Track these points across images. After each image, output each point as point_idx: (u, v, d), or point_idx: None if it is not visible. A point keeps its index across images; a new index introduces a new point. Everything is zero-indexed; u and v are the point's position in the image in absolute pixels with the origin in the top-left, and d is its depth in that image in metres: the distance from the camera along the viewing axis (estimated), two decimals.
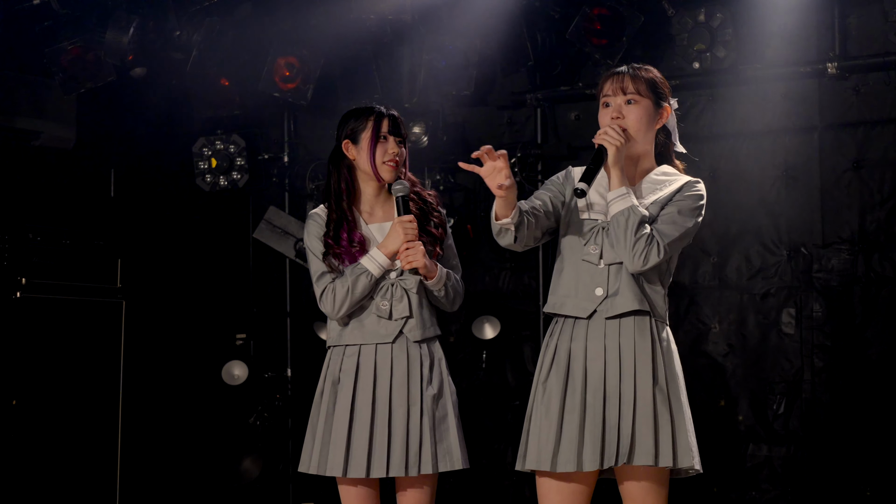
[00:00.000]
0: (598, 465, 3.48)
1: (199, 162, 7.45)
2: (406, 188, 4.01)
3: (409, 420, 3.93)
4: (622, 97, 3.60)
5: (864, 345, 6.18)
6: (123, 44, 6.55)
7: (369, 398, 3.96)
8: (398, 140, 4.08)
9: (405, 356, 3.99)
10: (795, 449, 6.28)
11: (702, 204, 3.64)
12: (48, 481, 6.51)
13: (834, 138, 6.33)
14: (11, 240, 6.55)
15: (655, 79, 3.65)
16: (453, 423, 3.97)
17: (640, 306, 3.54)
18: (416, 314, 4.01)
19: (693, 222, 3.60)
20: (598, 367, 3.55)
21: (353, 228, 4.04)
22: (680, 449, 3.49)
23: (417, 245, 3.94)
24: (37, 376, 6.53)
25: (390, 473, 3.91)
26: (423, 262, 3.93)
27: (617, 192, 3.53)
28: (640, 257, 3.49)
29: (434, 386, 3.99)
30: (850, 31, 6.28)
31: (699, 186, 3.66)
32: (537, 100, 6.90)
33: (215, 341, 7.60)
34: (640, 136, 3.60)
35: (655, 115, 3.63)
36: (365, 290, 3.98)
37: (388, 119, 4.08)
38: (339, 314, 4.01)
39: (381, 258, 3.98)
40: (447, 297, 4.04)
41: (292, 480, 7.32)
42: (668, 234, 3.53)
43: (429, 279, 3.98)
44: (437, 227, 4.08)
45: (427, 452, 3.91)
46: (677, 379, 3.57)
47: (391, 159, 4.04)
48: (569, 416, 3.53)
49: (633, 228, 3.49)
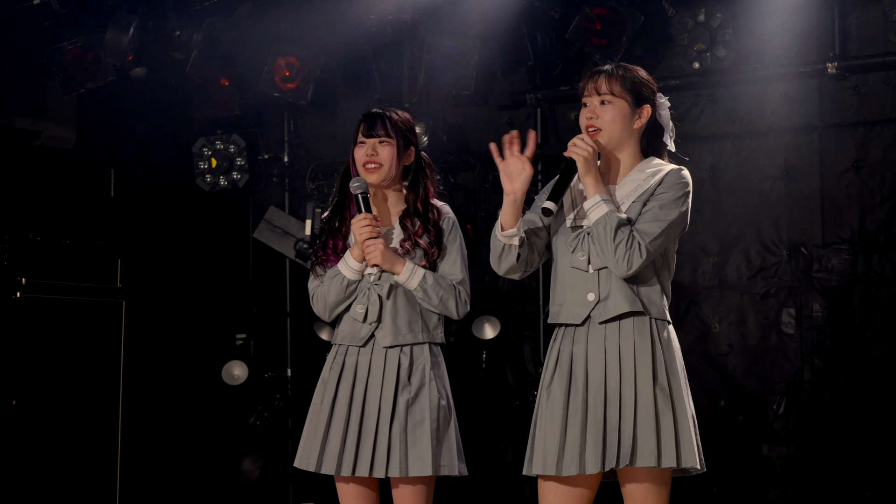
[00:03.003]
0: (600, 468, 3.48)
1: (199, 162, 7.46)
2: (362, 186, 3.98)
3: (379, 423, 3.92)
4: (597, 97, 3.60)
5: (864, 345, 6.18)
6: (123, 44, 6.55)
7: (347, 397, 3.98)
8: (379, 141, 4.01)
9: (379, 360, 3.98)
10: (795, 449, 6.28)
11: (686, 192, 3.57)
12: (48, 481, 6.51)
13: (834, 138, 6.33)
14: (11, 240, 6.56)
15: (635, 78, 3.62)
16: (429, 428, 3.91)
17: (632, 307, 3.53)
18: (387, 319, 3.98)
19: (677, 213, 3.53)
20: (598, 370, 3.54)
21: (340, 236, 4.07)
22: (683, 449, 3.48)
23: (376, 242, 3.92)
24: (37, 376, 6.53)
25: (357, 473, 3.91)
26: (379, 259, 3.92)
27: (592, 201, 3.53)
28: (623, 262, 3.48)
29: (411, 390, 3.95)
30: (850, 31, 6.28)
31: (682, 174, 3.60)
32: (537, 100, 6.89)
33: (215, 341, 7.60)
34: (614, 136, 3.58)
35: (633, 114, 3.60)
36: (340, 292, 4.00)
37: (364, 121, 4.03)
38: (325, 316, 4.08)
39: (350, 261, 4.00)
40: (428, 299, 3.96)
41: (292, 480, 7.32)
42: (650, 233, 3.49)
43: (395, 274, 3.96)
44: (431, 244, 4.00)
45: (395, 456, 3.89)
46: (679, 378, 3.56)
47: (367, 161, 3.99)
48: (572, 419, 3.53)
49: (611, 235, 3.47)
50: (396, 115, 4.06)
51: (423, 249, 4.01)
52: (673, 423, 3.48)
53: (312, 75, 6.97)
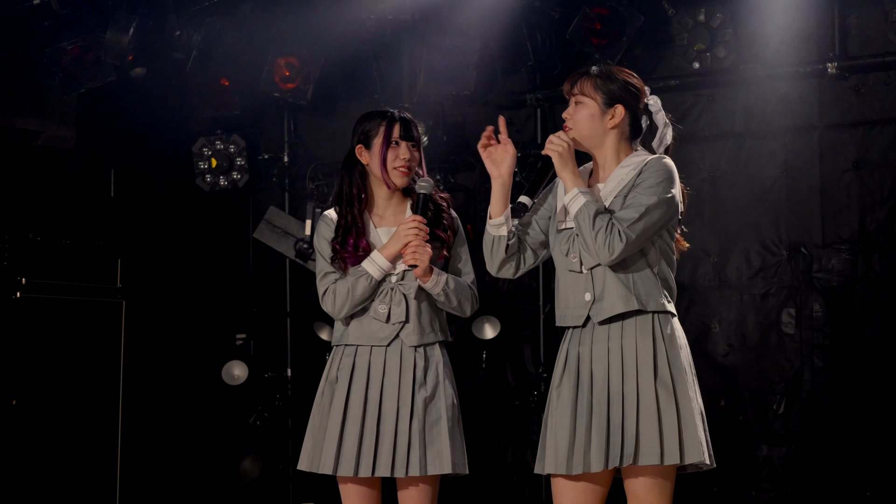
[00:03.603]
0: (604, 466, 3.49)
1: (199, 162, 7.46)
2: (430, 186, 3.98)
3: (398, 422, 3.91)
4: (572, 98, 3.67)
5: (864, 345, 6.19)
6: (123, 44, 6.55)
7: (362, 398, 3.95)
8: (411, 144, 4.02)
9: (398, 359, 3.97)
10: (795, 449, 6.28)
11: (666, 178, 3.56)
12: (48, 481, 6.51)
13: (834, 138, 6.33)
14: (11, 240, 6.55)
15: (610, 79, 3.64)
16: (446, 426, 3.93)
17: (627, 307, 3.54)
18: (413, 319, 3.98)
19: (655, 198, 3.53)
20: (602, 369, 3.57)
21: (360, 235, 4.01)
22: (687, 444, 3.48)
23: (425, 246, 3.91)
24: (37, 376, 6.53)
25: (377, 473, 3.90)
26: (425, 263, 3.91)
27: (570, 195, 3.58)
28: (604, 248, 3.49)
29: (427, 389, 3.96)
30: (850, 31, 6.28)
31: (662, 162, 3.60)
32: (537, 100, 6.90)
33: (215, 341, 7.60)
34: (585, 135, 3.64)
35: (603, 115, 3.63)
36: (365, 292, 3.96)
37: (400, 123, 4.02)
38: (339, 315, 4.01)
39: (381, 261, 3.96)
40: (448, 302, 3.99)
41: (292, 480, 7.32)
42: (627, 218, 3.50)
43: (423, 282, 3.96)
44: (446, 230, 4.03)
45: (415, 454, 3.89)
46: (684, 374, 3.56)
47: (402, 165, 3.99)
48: (580, 419, 3.55)
49: (590, 223, 3.50)
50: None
51: (441, 238, 4.00)
52: (676, 420, 3.49)
53: (312, 75, 6.97)
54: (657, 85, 6.40)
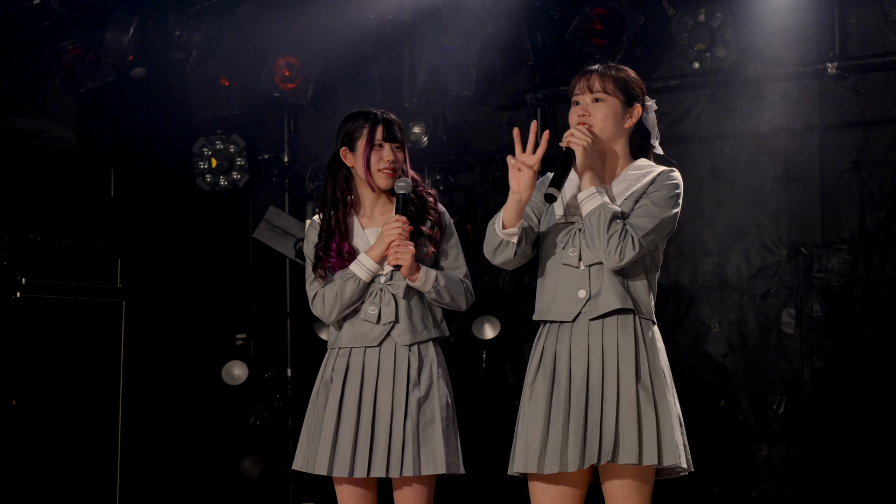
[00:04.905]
0: (581, 465, 3.46)
1: (199, 162, 7.45)
2: (409, 186, 3.96)
3: (393, 422, 3.91)
4: (589, 95, 3.61)
5: (864, 345, 6.19)
6: (123, 44, 6.55)
7: (356, 399, 3.95)
8: (395, 145, 4.00)
9: (392, 359, 3.96)
10: (795, 449, 6.28)
11: (677, 193, 3.59)
12: (48, 481, 6.51)
13: (834, 138, 6.33)
14: (11, 240, 6.56)
15: (626, 78, 3.64)
16: (440, 427, 3.92)
17: (624, 304, 3.54)
18: (403, 319, 3.97)
19: (668, 212, 3.55)
20: (581, 366, 3.55)
21: (343, 238, 4.01)
22: (665, 446, 3.46)
23: (408, 245, 3.90)
24: (37, 376, 6.53)
25: (371, 474, 3.90)
26: (408, 261, 3.89)
27: (587, 192, 3.54)
28: (615, 253, 3.48)
29: (421, 389, 3.95)
30: (850, 31, 6.28)
31: (673, 175, 3.62)
32: (537, 100, 6.89)
33: (215, 341, 7.60)
34: (606, 133, 3.60)
35: (624, 113, 3.62)
36: (354, 294, 3.96)
37: (383, 124, 3.99)
38: (329, 318, 4.01)
39: (368, 262, 3.96)
40: (440, 299, 3.97)
41: (292, 480, 7.32)
42: (642, 227, 3.50)
43: (411, 281, 3.95)
44: (433, 226, 4.02)
45: (409, 454, 3.88)
46: (662, 376, 3.55)
47: (387, 167, 3.97)
48: (555, 417, 3.53)
49: (605, 226, 3.48)
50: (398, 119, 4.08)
51: (427, 234, 3.99)
52: (655, 422, 3.47)
53: (312, 75, 6.97)
54: (657, 85, 6.41)
